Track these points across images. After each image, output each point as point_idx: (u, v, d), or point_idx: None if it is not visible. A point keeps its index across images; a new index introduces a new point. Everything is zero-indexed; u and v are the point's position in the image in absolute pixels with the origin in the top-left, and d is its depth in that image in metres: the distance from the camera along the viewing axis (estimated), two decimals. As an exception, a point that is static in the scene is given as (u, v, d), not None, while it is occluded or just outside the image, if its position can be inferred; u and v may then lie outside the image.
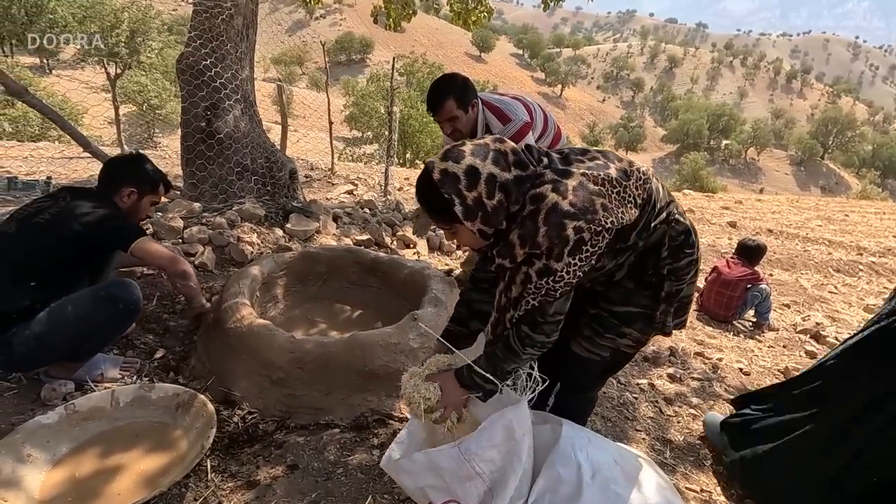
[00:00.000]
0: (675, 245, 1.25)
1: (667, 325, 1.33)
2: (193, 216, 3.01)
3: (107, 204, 1.78)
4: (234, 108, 3.18)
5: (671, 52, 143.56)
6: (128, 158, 1.98)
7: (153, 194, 1.92)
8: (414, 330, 2.00)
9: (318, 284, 2.78)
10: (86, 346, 1.77)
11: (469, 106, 2.06)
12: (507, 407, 1.29)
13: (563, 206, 1.07)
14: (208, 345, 2.09)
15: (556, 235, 1.07)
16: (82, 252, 1.68)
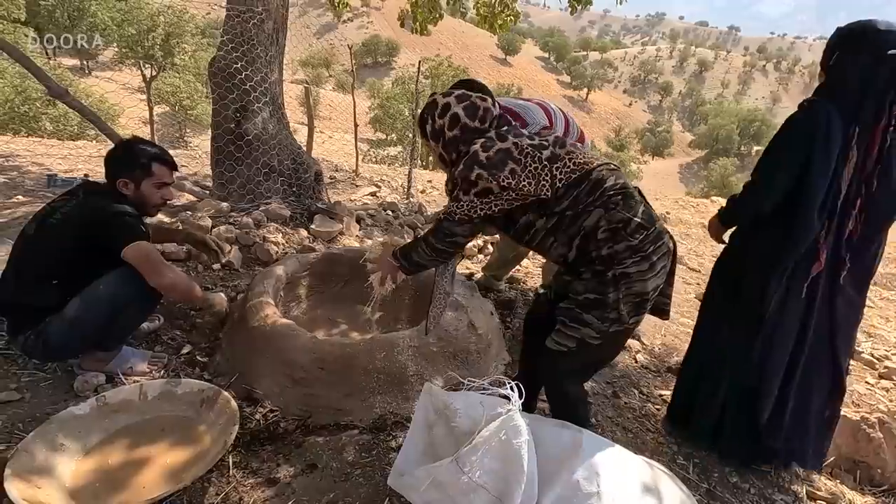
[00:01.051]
0: (611, 228, 1.39)
1: (622, 316, 1.42)
2: (221, 215, 3.08)
3: (114, 198, 1.78)
4: (262, 110, 3.24)
5: (701, 55, 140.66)
6: (116, 148, 1.88)
7: (150, 177, 1.82)
8: (434, 333, 2.00)
9: (341, 285, 2.81)
10: (118, 325, 1.82)
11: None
12: (502, 417, 1.28)
13: (480, 157, 1.41)
14: (233, 342, 2.13)
15: (464, 175, 1.42)
16: (96, 249, 1.71)
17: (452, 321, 2.09)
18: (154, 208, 1.91)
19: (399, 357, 1.88)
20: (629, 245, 1.38)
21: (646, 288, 1.41)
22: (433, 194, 7.42)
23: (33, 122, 15.46)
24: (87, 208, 1.71)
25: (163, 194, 1.90)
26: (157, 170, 1.85)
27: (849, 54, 1.57)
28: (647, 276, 1.40)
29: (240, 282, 2.61)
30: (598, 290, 1.42)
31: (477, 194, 1.43)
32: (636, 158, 48.20)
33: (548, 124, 2.16)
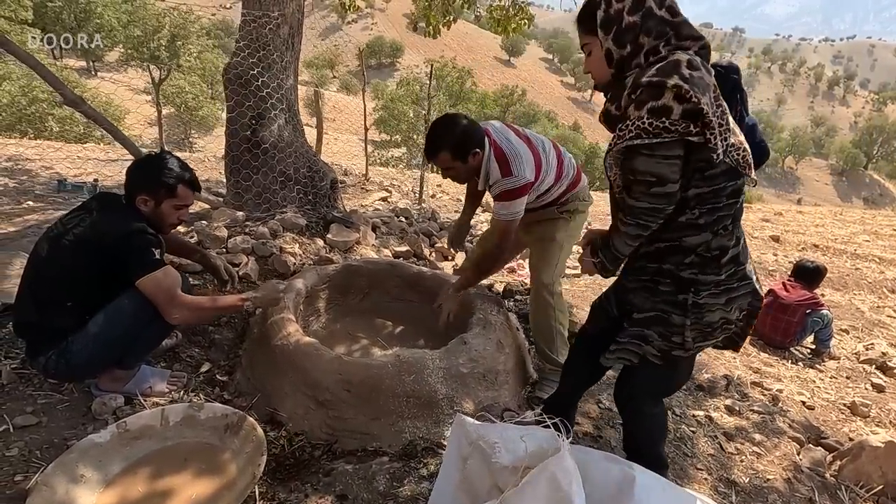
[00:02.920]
0: (705, 256, 1.29)
1: (686, 342, 1.35)
2: (237, 225, 3.01)
3: (130, 215, 1.69)
4: (278, 117, 3.18)
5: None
6: (141, 162, 1.77)
7: (172, 198, 1.72)
8: (464, 354, 1.93)
9: (360, 298, 2.74)
10: (141, 341, 1.75)
11: (469, 156, 1.83)
12: (549, 458, 1.21)
13: (682, 68, 1.15)
14: (254, 360, 2.06)
15: (656, 82, 1.15)
16: (112, 271, 1.64)
17: (482, 340, 2.01)
18: (169, 227, 1.84)
19: (429, 379, 1.81)
20: (715, 280, 1.30)
21: (714, 318, 1.35)
22: (443, 199, 7.36)
23: (40, 122, 15.46)
24: (101, 230, 1.63)
25: (180, 215, 1.82)
26: (182, 191, 1.75)
27: None
28: (721, 308, 1.34)
29: (258, 295, 2.53)
30: (664, 309, 1.36)
31: (653, 112, 1.15)
32: (641, 160, 47.90)
33: (532, 180, 1.89)
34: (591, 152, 31.97)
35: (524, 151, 1.86)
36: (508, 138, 1.89)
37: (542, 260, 2.17)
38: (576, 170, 2.16)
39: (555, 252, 2.14)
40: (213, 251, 2.69)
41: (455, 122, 1.82)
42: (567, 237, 2.17)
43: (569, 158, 2.14)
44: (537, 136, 2.07)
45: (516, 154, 1.84)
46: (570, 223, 2.18)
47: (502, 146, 1.84)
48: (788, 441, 2.18)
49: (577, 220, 2.19)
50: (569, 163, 2.12)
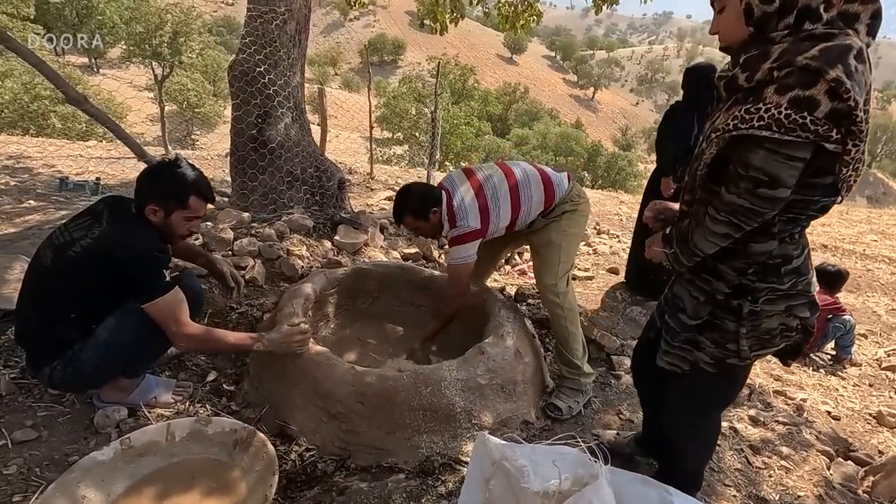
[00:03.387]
0: (768, 263, 1.20)
1: (742, 351, 1.27)
2: (243, 226, 2.93)
3: (141, 229, 1.60)
4: (285, 115, 3.09)
5: (709, 54, 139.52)
6: (152, 170, 1.66)
7: (182, 209, 1.63)
8: (481, 364, 1.85)
9: (369, 302, 2.67)
10: (149, 347, 1.69)
11: (429, 214, 2.06)
12: (586, 487, 1.12)
13: (850, 59, 0.98)
14: (262, 369, 1.98)
15: (812, 66, 0.97)
16: (120, 284, 1.56)
17: (500, 349, 1.93)
18: (179, 238, 1.75)
19: (446, 392, 1.73)
20: (774, 288, 1.21)
21: (773, 325, 1.26)
22: (449, 198, 7.27)
23: (42, 119, 15.39)
24: (111, 245, 1.54)
25: (190, 227, 1.72)
26: (194, 203, 1.65)
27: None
28: (780, 314, 1.25)
29: (264, 300, 2.46)
30: (716, 314, 1.28)
31: (796, 102, 0.98)
32: (642, 158, 47.83)
33: (478, 227, 2.02)
34: (594, 151, 31.75)
35: (469, 203, 2.01)
36: (460, 191, 2.04)
37: (541, 264, 2.18)
38: (549, 185, 2.12)
39: (552, 253, 2.13)
40: (219, 254, 2.62)
41: (410, 191, 2.09)
42: (563, 236, 2.13)
43: (532, 180, 2.10)
44: (493, 176, 2.09)
45: (460, 206, 2.00)
46: (561, 222, 2.15)
47: (453, 201, 2.02)
48: (817, 454, 2.10)
49: (571, 218, 2.15)
50: (532, 187, 2.09)
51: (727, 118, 1.12)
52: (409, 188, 2.11)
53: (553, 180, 2.14)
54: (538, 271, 2.18)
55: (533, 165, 2.19)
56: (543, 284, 2.14)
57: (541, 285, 2.17)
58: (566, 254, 2.12)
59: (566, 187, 2.15)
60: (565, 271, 2.12)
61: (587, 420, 2.10)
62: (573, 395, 2.11)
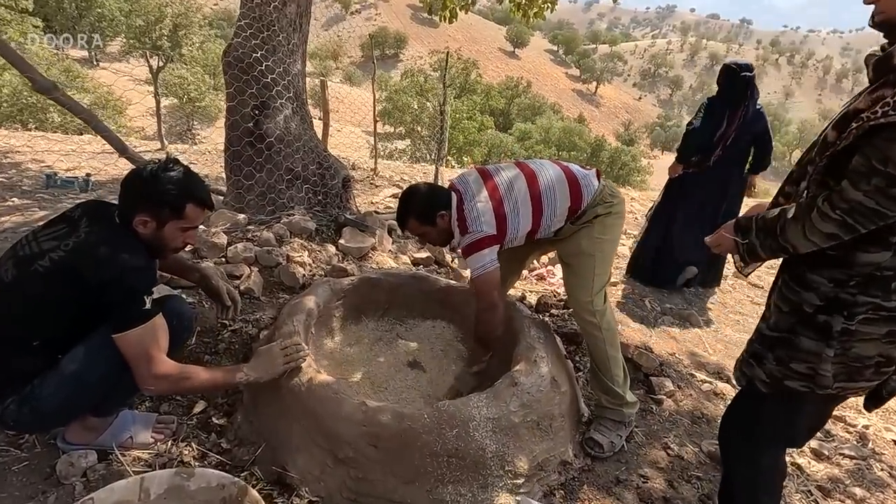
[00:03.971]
0: (874, 276, 1.03)
1: (821, 377, 1.10)
2: (238, 229, 2.65)
3: (124, 243, 1.33)
4: (285, 107, 2.81)
5: (713, 48, 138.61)
6: (140, 173, 1.37)
7: (178, 219, 1.38)
8: (515, 398, 1.57)
9: (378, 316, 2.40)
10: (124, 382, 1.39)
11: (436, 218, 1.82)
12: None
13: None
14: (258, 400, 1.71)
15: None
16: (93, 309, 1.30)
17: (534, 378, 1.66)
18: (172, 252, 1.49)
19: (475, 434, 1.46)
20: (879, 305, 1.03)
21: (868, 352, 1.06)
22: (456, 195, 6.98)
23: (41, 113, 15.11)
24: (85, 261, 1.27)
25: (186, 238, 1.45)
26: (191, 212, 1.39)
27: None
28: (880, 340, 1.05)
29: (261, 314, 2.19)
30: (797, 329, 1.13)
31: None
32: (645, 153, 47.42)
33: (494, 233, 1.74)
34: (597, 145, 31.38)
35: (483, 207, 1.75)
36: (473, 193, 1.78)
37: (573, 277, 1.87)
38: (576, 187, 1.83)
39: (585, 265, 1.83)
40: (211, 261, 2.34)
41: (415, 192, 1.86)
42: (596, 244, 1.83)
43: (557, 183, 1.82)
44: (510, 177, 1.82)
45: (472, 210, 1.75)
46: (593, 228, 1.84)
47: (464, 205, 1.78)
48: (894, 496, 1.83)
49: (605, 223, 1.85)
50: (557, 191, 1.81)
51: (870, 103, 0.93)
52: (413, 188, 1.88)
53: (580, 180, 1.84)
54: (570, 286, 1.89)
55: (556, 163, 1.89)
56: (577, 302, 1.85)
57: (574, 303, 1.88)
58: (602, 265, 1.83)
59: (596, 188, 1.84)
60: (601, 285, 1.84)
61: (631, 457, 1.83)
62: (615, 429, 1.84)
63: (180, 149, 8.49)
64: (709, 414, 2.14)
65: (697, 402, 2.22)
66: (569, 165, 1.91)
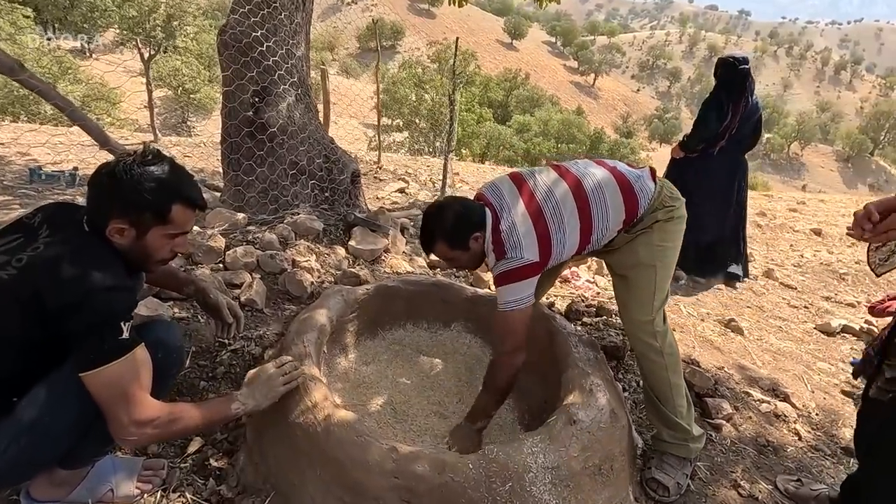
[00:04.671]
0: None
1: None
2: (237, 230, 2.38)
3: (93, 255, 1.06)
4: (287, 93, 2.52)
5: (711, 40, 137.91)
6: (111, 170, 1.08)
7: (163, 224, 1.12)
8: (574, 441, 1.31)
9: (396, 328, 2.13)
10: (96, 431, 1.12)
11: (469, 241, 1.54)
12: None
13: None
14: (264, 438, 1.45)
15: None
16: (54, 339, 1.02)
17: (593, 413, 1.40)
18: (158, 264, 1.20)
19: (532, 489, 1.19)
20: None
21: None
22: (463, 189, 6.71)
23: (34, 105, 14.70)
24: (46, 278, 1.00)
25: (175, 247, 1.18)
26: (179, 215, 1.13)
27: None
28: None
29: (265, 329, 1.92)
30: None
31: None
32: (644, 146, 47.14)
33: (536, 259, 1.48)
34: (596, 138, 31.10)
35: (523, 228, 1.48)
36: (510, 209, 1.52)
37: (630, 293, 1.59)
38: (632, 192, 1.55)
39: (644, 278, 1.55)
40: (207, 268, 2.07)
41: (444, 210, 1.56)
42: (657, 253, 1.55)
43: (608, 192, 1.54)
44: (553, 188, 1.54)
45: (511, 232, 1.49)
46: (653, 234, 1.56)
47: (500, 225, 1.51)
48: None
49: (666, 229, 1.57)
50: (608, 200, 1.53)
51: None
52: (442, 205, 1.59)
53: (634, 184, 1.55)
54: (626, 303, 1.61)
55: (602, 165, 1.60)
56: (634, 321, 1.58)
57: (630, 322, 1.60)
58: (664, 277, 1.56)
59: (652, 190, 1.55)
60: (662, 301, 1.57)
61: (698, 498, 1.57)
62: (679, 467, 1.58)
63: (174, 141, 8.17)
64: (774, 441, 1.89)
65: (759, 426, 1.97)
66: (616, 165, 1.62)
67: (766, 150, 70.86)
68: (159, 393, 1.13)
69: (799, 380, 2.41)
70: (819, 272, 4.64)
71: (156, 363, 1.10)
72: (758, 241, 6.09)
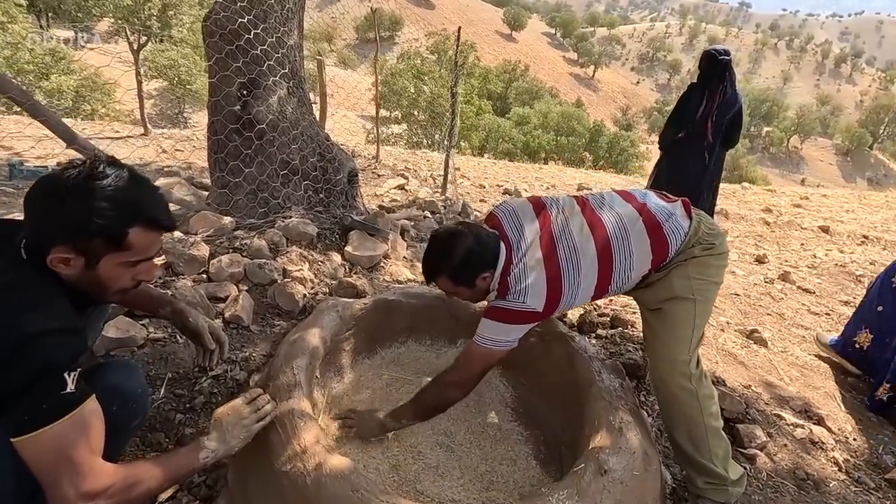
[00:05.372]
0: None
1: None
2: (223, 236, 2.18)
3: (32, 287, 0.87)
4: (278, 86, 2.32)
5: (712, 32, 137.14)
6: (49, 187, 0.88)
7: (118, 251, 0.91)
8: (607, 496, 1.13)
9: (396, 345, 1.95)
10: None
11: (477, 279, 1.39)
12: None
13: None
14: (249, 485, 1.26)
15: None
16: None
17: (625, 459, 1.22)
18: (118, 294, 0.99)
19: (561, 558, 1.02)
20: None
21: None
22: (465, 185, 6.50)
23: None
24: None
25: (137, 275, 0.98)
26: (138, 240, 0.92)
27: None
28: None
29: (252, 350, 1.73)
30: None
31: None
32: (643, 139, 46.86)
33: (538, 310, 1.32)
34: (596, 131, 30.81)
35: (533, 273, 1.33)
36: (526, 252, 1.35)
37: (664, 326, 1.40)
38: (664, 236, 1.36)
39: (682, 312, 1.37)
40: (189, 280, 1.87)
41: (457, 244, 1.37)
42: (695, 285, 1.36)
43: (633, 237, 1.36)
44: (571, 227, 1.37)
45: (520, 276, 1.33)
46: (688, 267, 1.37)
47: (511, 268, 1.35)
48: None
49: (705, 262, 1.38)
50: (632, 243, 1.35)
51: None
52: (453, 238, 1.39)
53: (664, 224, 1.35)
54: (658, 341, 1.41)
55: (630, 201, 1.41)
56: (667, 359, 1.37)
57: (663, 364, 1.39)
58: (702, 313, 1.37)
59: (685, 230, 1.36)
60: (699, 341, 1.39)
61: (739, 546, 1.40)
62: (718, 512, 1.41)
63: (165, 134, 7.93)
64: (814, 474, 1.71)
65: (796, 455, 1.79)
66: (646, 202, 1.41)
67: (766, 143, 70.67)
68: (115, 451, 0.94)
69: (831, 398, 2.24)
70: (834, 274, 4.46)
71: (110, 416, 0.91)
72: (768, 240, 5.92)
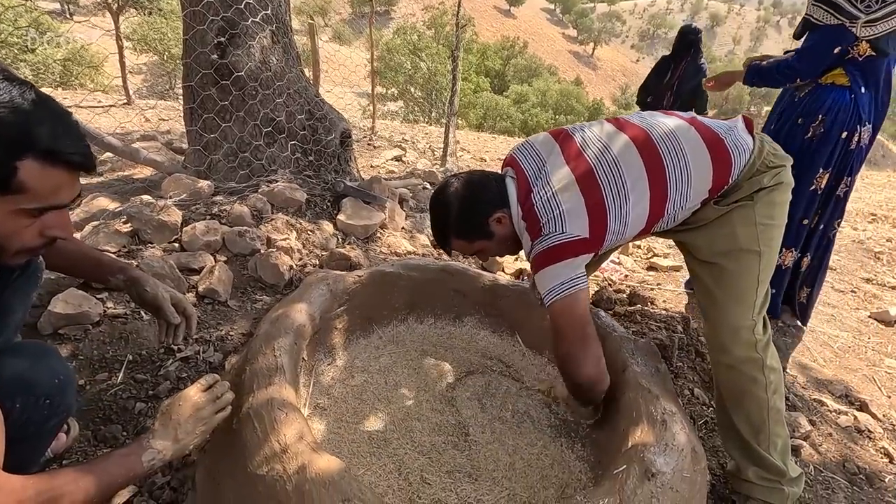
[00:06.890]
0: None
1: None
2: (199, 201, 1.94)
3: None
4: (261, 30, 2.05)
5: (714, 9, 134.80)
6: None
7: (8, 193, 0.67)
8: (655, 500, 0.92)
9: (395, 323, 1.73)
10: None
11: (492, 224, 1.22)
12: None
13: None
14: (221, 489, 1.05)
15: None
16: None
17: (673, 459, 1.01)
18: (21, 256, 0.75)
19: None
20: None
21: None
22: (465, 158, 6.23)
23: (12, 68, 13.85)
24: None
25: (45, 228, 0.73)
26: (32, 178, 0.67)
27: None
28: None
29: (229, 328, 1.50)
30: None
31: None
32: (644, 118, 46.29)
33: (582, 235, 1.11)
34: (595, 109, 30.35)
35: (565, 197, 1.11)
36: (549, 175, 1.14)
37: (722, 288, 1.17)
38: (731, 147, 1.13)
39: (746, 267, 1.14)
40: (158, 249, 1.64)
41: (448, 194, 1.24)
42: (762, 234, 1.13)
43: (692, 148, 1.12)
44: (609, 142, 1.14)
45: (548, 203, 1.12)
46: (755, 209, 1.14)
47: (532, 195, 1.15)
48: None
49: (774, 200, 1.15)
50: (689, 157, 1.11)
51: None
52: (444, 190, 1.24)
53: (725, 137, 1.13)
54: (715, 309, 1.18)
55: (672, 114, 1.19)
56: (728, 327, 1.15)
57: (722, 328, 1.17)
58: (767, 266, 1.15)
59: (750, 146, 1.13)
60: (764, 299, 1.17)
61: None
62: (773, 514, 1.21)
63: (150, 104, 7.58)
64: (866, 468, 1.52)
65: (843, 446, 1.60)
66: (694, 116, 1.20)
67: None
68: (30, 459, 0.72)
69: (870, 381, 2.05)
70: (853, 250, 4.27)
71: (12, 418, 0.69)
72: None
